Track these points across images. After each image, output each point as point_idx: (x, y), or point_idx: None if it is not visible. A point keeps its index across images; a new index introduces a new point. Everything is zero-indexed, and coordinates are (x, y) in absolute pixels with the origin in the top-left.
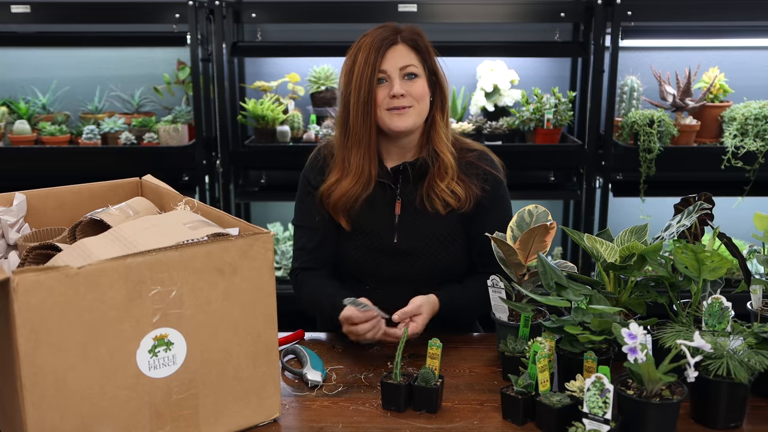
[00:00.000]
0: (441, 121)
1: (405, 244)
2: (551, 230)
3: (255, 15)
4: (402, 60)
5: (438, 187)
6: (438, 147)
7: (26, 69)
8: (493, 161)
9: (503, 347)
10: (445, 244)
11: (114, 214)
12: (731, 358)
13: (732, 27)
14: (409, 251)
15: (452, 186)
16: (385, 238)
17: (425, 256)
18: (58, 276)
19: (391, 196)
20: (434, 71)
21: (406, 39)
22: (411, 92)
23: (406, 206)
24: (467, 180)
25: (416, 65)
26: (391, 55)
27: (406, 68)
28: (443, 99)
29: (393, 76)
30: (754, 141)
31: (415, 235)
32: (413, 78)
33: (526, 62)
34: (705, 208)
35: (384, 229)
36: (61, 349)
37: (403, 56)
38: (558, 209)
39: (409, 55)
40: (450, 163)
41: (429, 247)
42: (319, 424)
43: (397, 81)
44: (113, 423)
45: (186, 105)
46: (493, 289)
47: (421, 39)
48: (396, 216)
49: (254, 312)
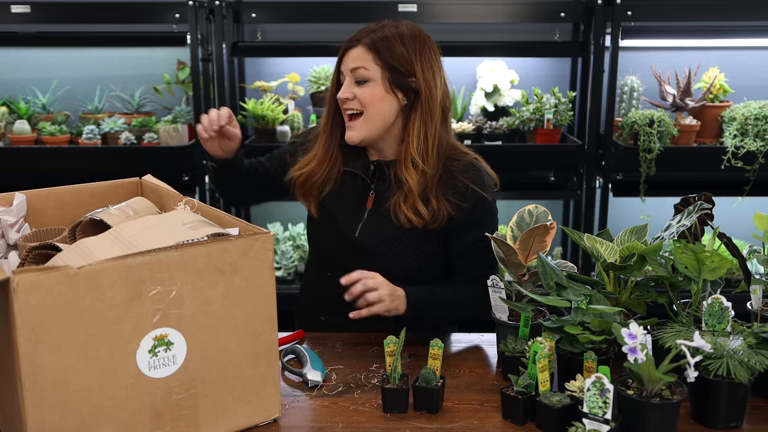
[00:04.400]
0: (417, 131)
1: (365, 241)
2: (551, 230)
3: (255, 15)
4: (354, 62)
5: (400, 207)
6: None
7: (26, 69)
8: (479, 174)
9: (503, 347)
10: (410, 249)
11: (114, 214)
12: (731, 358)
13: (732, 27)
14: (369, 249)
15: (417, 205)
16: (347, 230)
17: (387, 257)
18: (58, 276)
19: (364, 190)
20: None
21: (371, 40)
22: (358, 96)
23: (377, 203)
24: (441, 197)
25: (369, 68)
26: (348, 55)
27: (356, 71)
28: (427, 107)
29: (345, 77)
30: (754, 141)
31: (377, 234)
32: (364, 83)
33: (526, 62)
34: (705, 208)
35: (348, 222)
36: (61, 349)
37: (357, 58)
38: (558, 209)
39: (365, 58)
40: (413, 186)
41: (391, 249)
42: (319, 424)
43: (345, 82)
44: (113, 423)
45: (186, 105)
46: (493, 289)
47: (387, 44)
48: (366, 210)
49: (254, 312)
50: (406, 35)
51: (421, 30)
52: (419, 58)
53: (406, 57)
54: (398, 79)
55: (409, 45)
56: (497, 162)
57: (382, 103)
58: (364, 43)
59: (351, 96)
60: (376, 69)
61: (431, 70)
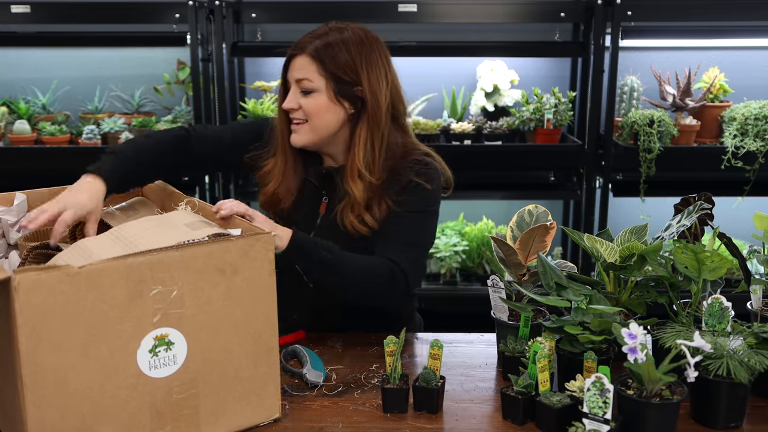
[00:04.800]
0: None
1: None
2: (551, 230)
3: (255, 15)
4: (298, 72)
5: (347, 215)
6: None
7: (26, 69)
8: (424, 168)
9: (503, 347)
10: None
11: (116, 215)
12: (731, 358)
13: (732, 27)
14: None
15: (362, 215)
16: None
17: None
18: (59, 275)
19: (317, 196)
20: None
21: (315, 49)
22: (303, 107)
23: (330, 208)
24: (384, 199)
25: (313, 80)
26: (293, 64)
27: (301, 82)
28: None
29: (291, 87)
30: (754, 141)
31: (331, 240)
32: (309, 93)
33: (526, 62)
34: (705, 208)
35: (305, 227)
36: (61, 349)
37: (301, 69)
38: (558, 209)
39: (309, 69)
40: (358, 197)
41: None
42: (319, 424)
43: (291, 92)
44: (114, 422)
45: (186, 105)
46: (493, 289)
47: (331, 52)
48: (320, 216)
49: (255, 312)
50: (351, 41)
51: (368, 33)
52: (365, 66)
53: (351, 66)
54: (344, 89)
55: (354, 52)
56: (497, 162)
57: (327, 113)
58: (308, 52)
59: (296, 106)
60: (321, 80)
61: (377, 77)
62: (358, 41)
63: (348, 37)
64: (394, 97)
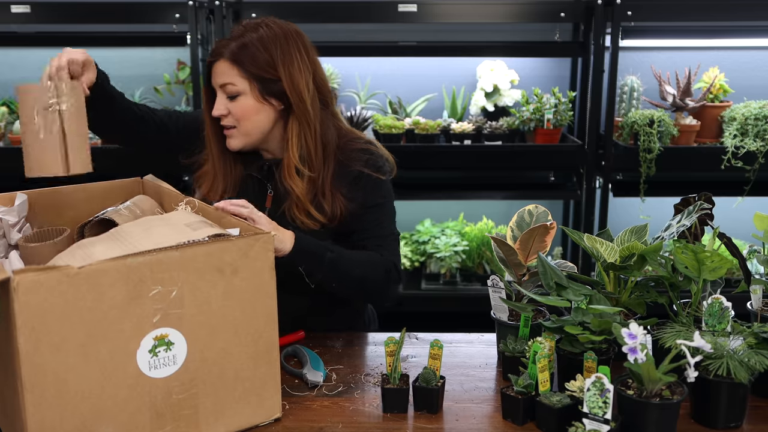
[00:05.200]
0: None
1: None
2: (551, 230)
3: (255, 15)
4: (221, 78)
5: (294, 213)
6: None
7: (26, 69)
8: (371, 157)
9: (503, 347)
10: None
11: (123, 214)
12: (731, 358)
13: (732, 27)
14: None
15: (309, 210)
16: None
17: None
18: (59, 276)
19: (262, 190)
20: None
21: (232, 53)
22: (232, 112)
23: (276, 202)
24: (335, 193)
25: (237, 83)
26: (214, 71)
27: (225, 87)
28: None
29: (217, 93)
30: (754, 141)
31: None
32: (235, 97)
33: (526, 62)
34: (705, 208)
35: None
36: (61, 349)
37: (223, 74)
38: (558, 209)
39: (230, 73)
40: (300, 194)
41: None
42: (319, 424)
43: (218, 99)
44: (113, 423)
45: (186, 105)
46: (493, 289)
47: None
48: (266, 210)
49: (255, 312)
50: (267, 38)
51: (283, 26)
52: (282, 61)
53: (271, 62)
54: (269, 87)
55: (272, 49)
56: (497, 162)
57: (257, 115)
58: (225, 57)
59: (225, 112)
60: (244, 82)
61: (298, 69)
62: (273, 37)
63: (263, 34)
64: (319, 85)
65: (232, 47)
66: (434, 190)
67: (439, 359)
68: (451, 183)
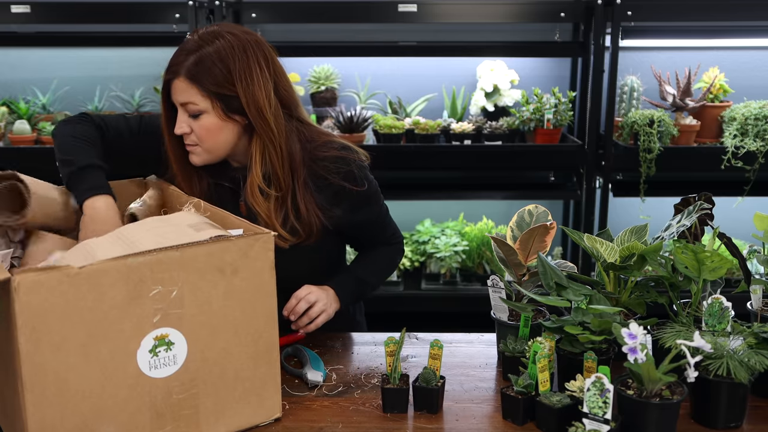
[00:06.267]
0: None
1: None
2: (551, 230)
3: (255, 15)
4: (180, 96)
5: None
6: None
7: (26, 69)
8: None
9: (503, 347)
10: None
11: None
12: (731, 358)
13: (732, 27)
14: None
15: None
16: None
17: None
18: (59, 276)
19: (233, 198)
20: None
21: (188, 70)
22: (194, 130)
23: (249, 211)
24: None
25: (197, 102)
26: (173, 88)
27: (186, 106)
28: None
29: (179, 110)
30: (754, 141)
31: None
32: (197, 117)
33: (526, 62)
34: (705, 208)
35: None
36: (61, 349)
37: (183, 93)
38: (558, 209)
39: (189, 92)
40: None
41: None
42: (319, 424)
43: (179, 117)
44: (114, 422)
45: None
46: (493, 289)
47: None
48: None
49: (255, 312)
50: (223, 51)
51: (240, 37)
52: (239, 76)
53: (229, 78)
54: (231, 104)
55: (229, 63)
56: (497, 162)
57: (220, 133)
58: (183, 75)
59: (189, 130)
60: (205, 101)
61: (257, 83)
62: (229, 49)
63: (220, 46)
64: (282, 96)
65: (188, 64)
66: (434, 190)
67: (439, 359)
68: (451, 183)
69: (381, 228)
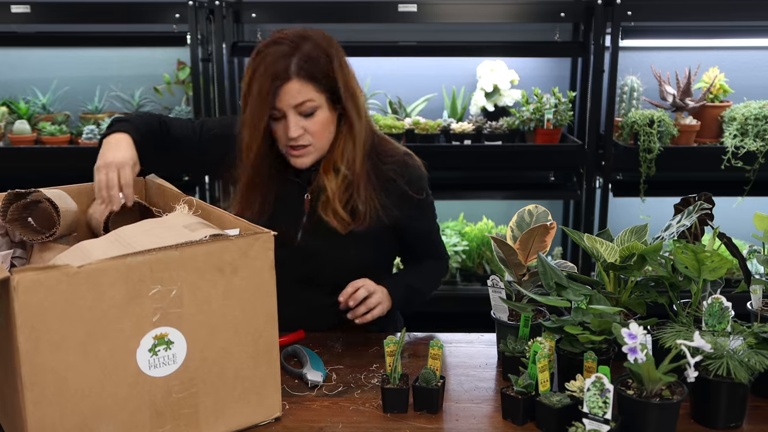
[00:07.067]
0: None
1: (309, 244)
2: (551, 230)
3: (255, 15)
4: (296, 97)
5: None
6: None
7: (26, 69)
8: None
9: (503, 347)
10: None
11: None
12: (731, 358)
13: (732, 27)
14: (314, 252)
15: (337, 210)
16: (288, 236)
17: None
18: (58, 275)
19: (299, 194)
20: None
21: (301, 69)
22: (309, 129)
23: (313, 205)
24: (372, 199)
25: (313, 98)
26: (284, 93)
27: (301, 106)
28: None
29: (288, 114)
30: (754, 141)
31: (320, 235)
32: (310, 115)
33: (526, 62)
34: (705, 208)
35: (289, 227)
36: (61, 348)
37: (298, 93)
38: (558, 209)
39: (305, 89)
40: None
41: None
42: (319, 424)
43: (292, 120)
44: (113, 421)
45: (186, 105)
46: (493, 289)
47: (315, 63)
48: (305, 214)
49: (255, 311)
50: (319, 44)
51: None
52: (338, 64)
53: (332, 67)
54: (336, 93)
55: (330, 51)
56: (497, 162)
57: (330, 126)
58: (296, 75)
59: (303, 132)
60: (320, 96)
61: (348, 72)
62: (322, 40)
63: (313, 42)
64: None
65: (298, 64)
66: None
67: (439, 359)
68: (451, 183)
69: (433, 241)
